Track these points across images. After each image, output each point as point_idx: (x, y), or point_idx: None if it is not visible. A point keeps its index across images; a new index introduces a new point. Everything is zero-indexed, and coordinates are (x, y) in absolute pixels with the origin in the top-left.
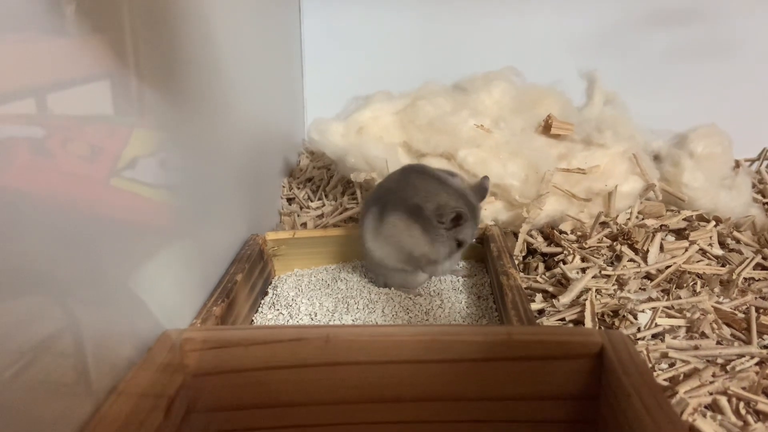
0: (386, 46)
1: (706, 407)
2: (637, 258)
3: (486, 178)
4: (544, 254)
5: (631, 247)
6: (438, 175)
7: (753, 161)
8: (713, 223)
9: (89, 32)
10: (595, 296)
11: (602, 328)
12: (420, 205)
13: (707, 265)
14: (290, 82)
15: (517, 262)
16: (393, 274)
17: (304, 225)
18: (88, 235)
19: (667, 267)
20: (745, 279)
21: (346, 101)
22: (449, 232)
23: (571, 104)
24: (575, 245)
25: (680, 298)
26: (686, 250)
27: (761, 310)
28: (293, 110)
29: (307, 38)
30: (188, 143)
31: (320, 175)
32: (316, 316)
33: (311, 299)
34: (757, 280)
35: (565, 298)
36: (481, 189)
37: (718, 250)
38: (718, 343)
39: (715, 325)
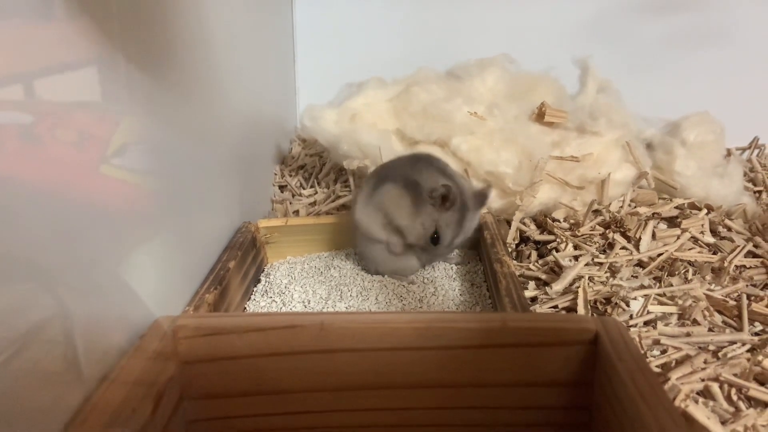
0: (379, 31)
1: (698, 393)
2: (630, 246)
3: (489, 186)
4: (537, 242)
5: (624, 234)
6: (445, 168)
7: (744, 150)
8: (705, 211)
9: (77, 17)
10: (588, 284)
11: (595, 315)
12: (419, 182)
13: (699, 252)
14: (282, 69)
15: (510, 249)
16: (379, 257)
17: (296, 213)
18: (78, 222)
19: (659, 255)
20: (736, 266)
21: (338, 88)
22: (434, 212)
23: (565, 92)
24: (568, 233)
25: (672, 285)
26: (678, 237)
27: (753, 298)
28: (285, 97)
29: (299, 23)
30: (179, 130)
31: (313, 163)
32: (309, 303)
33: (304, 287)
34: (749, 268)
35: (558, 286)
36: (481, 195)
37: (709, 238)
38: (710, 330)
39: (706, 312)
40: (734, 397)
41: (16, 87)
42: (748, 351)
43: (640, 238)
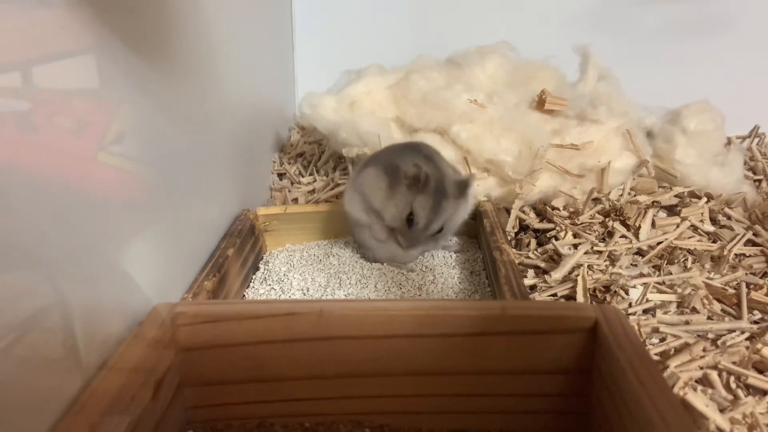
0: (379, 18)
1: (696, 381)
2: (629, 234)
3: (473, 176)
4: (536, 230)
5: (623, 223)
6: (433, 155)
7: (744, 138)
8: (705, 199)
9: (75, 4)
10: (587, 272)
11: (594, 303)
12: (399, 165)
13: (698, 241)
14: (281, 56)
15: (509, 238)
16: (373, 244)
17: (295, 200)
18: (76, 210)
19: (659, 243)
20: (735, 255)
21: (337, 75)
22: (409, 194)
23: (565, 79)
24: (567, 221)
25: (671, 273)
26: (678, 226)
27: (752, 286)
28: (284, 84)
29: (297, 10)
30: (177, 117)
31: (311, 151)
32: (308, 291)
33: (303, 274)
34: (748, 256)
35: (557, 274)
36: (461, 184)
37: (709, 227)
38: (709, 318)
39: (705, 301)
40: (733, 385)
41: (13, 74)
42: (747, 339)
43: (639, 226)
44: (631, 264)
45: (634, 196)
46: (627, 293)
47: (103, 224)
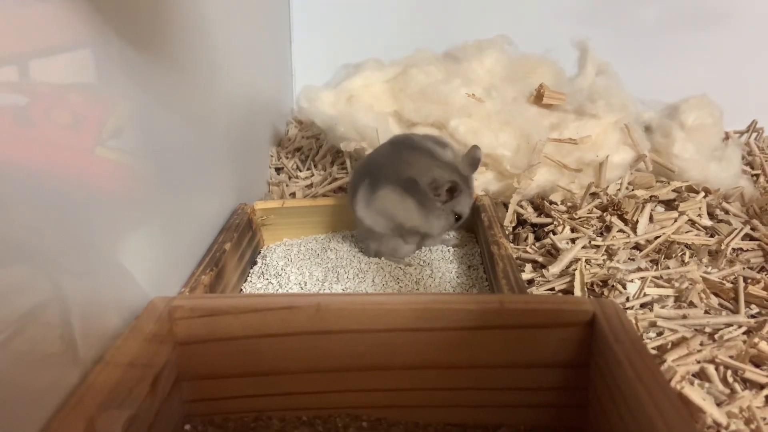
0: (377, 12)
1: (693, 375)
2: (627, 228)
3: (476, 147)
4: (534, 225)
5: (621, 217)
6: (429, 148)
7: (742, 133)
8: (702, 194)
9: None
10: (585, 266)
11: (591, 297)
12: (415, 179)
13: (696, 235)
14: (278, 49)
15: (507, 232)
16: (384, 239)
17: (292, 195)
18: (73, 204)
19: (656, 237)
20: (733, 249)
21: (335, 69)
22: (446, 205)
23: (564, 74)
24: (565, 216)
25: (669, 268)
26: (675, 220)
27: (749, 280)
28: (281, 78)
29: (295, 4)
30: (174, 111)
31: (309, 145)
32: (305, 285)
33: (301, 269)
34: (745, 251)
35: (555, 268)
36: (473, 159)
37: (707, 221)
38: (706, 312)
39: (703, 295)
40: (730, 379)
41: (10, 68)
42: (744, 333)
43: (637, 220)
44: (629, 258)
45: (632, 190)
46: (624, 287)
47: (100, 218)
